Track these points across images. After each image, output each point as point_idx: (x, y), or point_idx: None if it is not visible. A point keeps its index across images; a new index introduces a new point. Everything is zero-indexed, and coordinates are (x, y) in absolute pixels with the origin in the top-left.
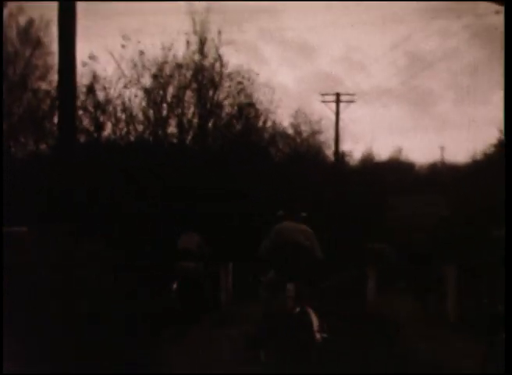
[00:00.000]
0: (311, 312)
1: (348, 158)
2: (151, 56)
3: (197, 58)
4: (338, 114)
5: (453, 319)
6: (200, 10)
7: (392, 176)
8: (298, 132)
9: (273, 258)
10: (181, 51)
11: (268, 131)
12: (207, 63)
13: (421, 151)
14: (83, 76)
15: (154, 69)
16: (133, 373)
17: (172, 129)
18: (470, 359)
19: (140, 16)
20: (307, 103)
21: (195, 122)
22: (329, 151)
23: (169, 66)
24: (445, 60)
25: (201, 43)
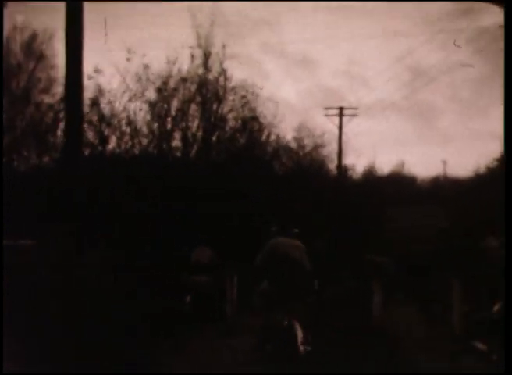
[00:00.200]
0: (296, 325)
1: (351, 172)
2: (156, 70)
3: (202, 71)
4: (341, 128)
5: (459, 331)
6: (205, 24)
7: (393, 189)
8: (301, 146)
9: (268, 270)
10: (185, 65)
11: (272, 145)
12: (211, 77)
13: (423, 165)
14: (87, 90)
15: (159, 83)
16: (133, 373)
17: (176, 142)
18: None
19: (145, 29)
20: (309, 117)
21: (199, 135)
22: (332, 165)
23: (174, 80)
24: (447, 74)
25: (205, 57)
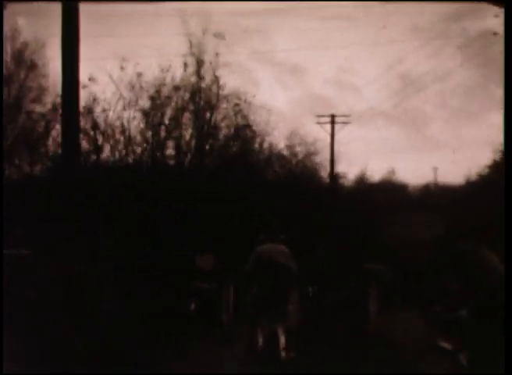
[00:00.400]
0: (280, 331)
1: (343, 180)
2: (149, 78)
3: (194, 80)
4: (333, 135)
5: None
6: (197, 32)
7: (384, 196)
8: (293, 153)
9: (256, 276)
10: (178, 73)
11: (265, 153)
12: (204, 85)
13: (414, 172)
14: (81, 99)
15: (152, 91)
16: (133, 373)
17: (170, 151)
18: None
19: (137, 37)
20: (300, 125)
21: (193, 143)
22: (325, 173)
23: (167, 88)
24: (438, 82)
25: (198, 65)
